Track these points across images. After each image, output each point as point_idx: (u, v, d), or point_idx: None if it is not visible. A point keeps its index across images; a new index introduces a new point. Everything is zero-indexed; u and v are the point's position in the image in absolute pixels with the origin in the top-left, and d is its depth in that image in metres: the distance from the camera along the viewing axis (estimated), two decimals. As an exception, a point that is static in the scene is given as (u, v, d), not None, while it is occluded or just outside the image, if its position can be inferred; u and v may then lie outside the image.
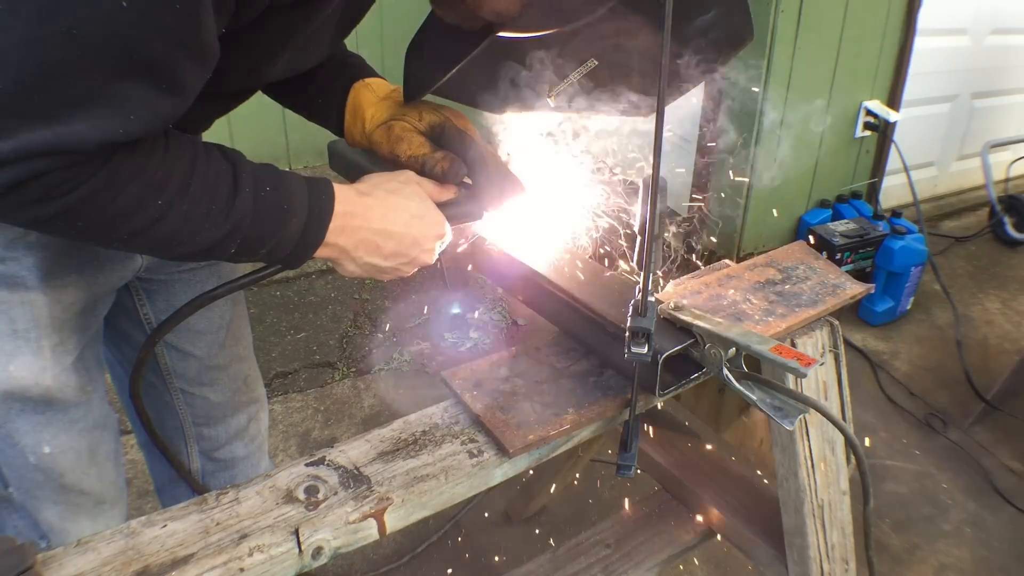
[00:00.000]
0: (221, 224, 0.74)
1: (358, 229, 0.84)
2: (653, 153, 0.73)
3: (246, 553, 0.69)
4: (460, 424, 0.87)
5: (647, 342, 0.78)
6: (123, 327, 1.16)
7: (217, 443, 1.31)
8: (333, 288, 2.94)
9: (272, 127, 3.58)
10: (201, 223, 0.73)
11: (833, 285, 1.08)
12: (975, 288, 3.13)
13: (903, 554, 1.93)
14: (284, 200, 0.78)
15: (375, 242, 0.85)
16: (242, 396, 1.29)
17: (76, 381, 0.96)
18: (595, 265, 0.99)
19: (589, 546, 1.40)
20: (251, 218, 0.75)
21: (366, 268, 0.88)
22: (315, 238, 0.81)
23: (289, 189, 0.79)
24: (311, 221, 0.80)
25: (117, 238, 0.71)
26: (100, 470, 1.05)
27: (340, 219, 0.82)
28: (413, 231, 0.87)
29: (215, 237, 0.74)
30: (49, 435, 0.96)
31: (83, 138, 0.61)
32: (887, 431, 2.34)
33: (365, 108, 1.01)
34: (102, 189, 0.66)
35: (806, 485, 1.08)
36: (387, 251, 0.86)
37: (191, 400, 1.24)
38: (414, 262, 0.89)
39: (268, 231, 0.77)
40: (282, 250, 0.80)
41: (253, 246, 0.78)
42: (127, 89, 0.61)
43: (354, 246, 0.85)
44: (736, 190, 2.96)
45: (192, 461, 1.31)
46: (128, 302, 1.13)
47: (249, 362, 1.30)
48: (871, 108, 3.00)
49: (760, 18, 2.66)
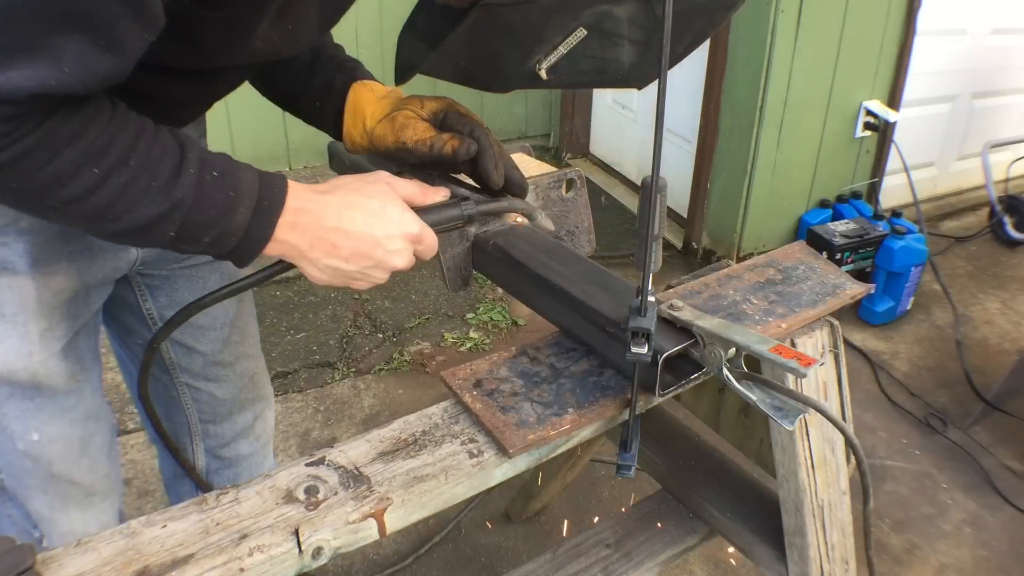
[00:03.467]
0: (159, 202, 0.71)
1: (311, 227, 0.80)
2: (653, 153, 0.73)
3: (246, 553, 0.69)
4: (460, 424, 0.87)
5: (647, 342, 0.78)
6: (127, 322, 1.17)
7: (223, 440, 1.31)
8: (333, 288, 2.94)
9: (272, 127, 3.58)
10: (139, 199, 0.70)
11: (833, 285, 1.08)
12: (975, 288, 3.13)
13: (903, 554, 1.93)
14: (231, 188, 0.75)
15: (330, 241, 0.81)
16: (248, 394, 1.29)
17: (65, 368, 0.96)
18: (594, 264, 0.99)
19: (589, 546, 1.40)
20: (192, 201, 0.72)
21: (329, 272, 0.84)
22: (263, 232, 0.78)
23: (238, 178, 0.76)
24: (259, 213, 0.77)
25: (51, 205, 0.69)
26: (92, 461, 1.05)
27: (292, 215, 0.79)
28: (373, 230, 0.82)
29: (152, 215, 0.71)
30: (38, 422, 0.96)
31: (16, 86, 0.60)
32: (887, 431, 2.34)
33: (365, 106, 1.00)
34: (37, 148, 0.65)
35: (806, 485, 1.08)
36: (345, 252, 0.82)
37: (197, 395, 1.25)
38: (381, 264, 0.85)
39: (211, 217, 0.74)
40: (227, 242, 0.77)
41: (195, 232, 0.75)
42: (63, 41, 0.61)
43: (309, 245, 0.81)
44: (736, 190, 2.96)
45: (197, 458, 1.32)
46: (131, 297, 1.13)
47: (256, 360, 1.30)
48: (871, 108, 3.00)
49: (760, 18, 2.67)
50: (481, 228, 1.02)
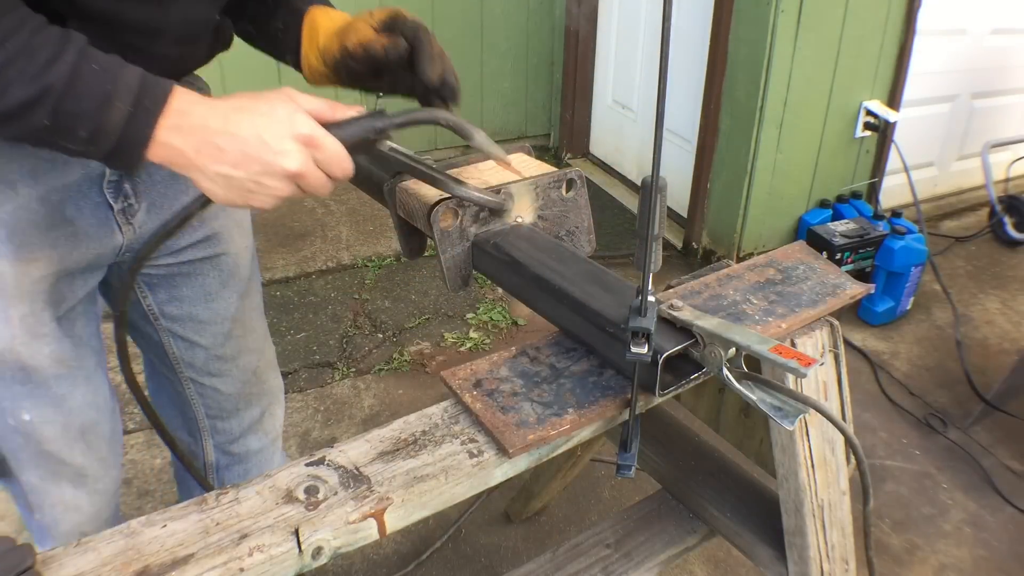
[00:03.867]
0: (29, 85, 0.70)
1: (196, 129, 0.76)
2: (653, 153, 0.73)
3: (246, 553, 0.69)
4: (460, 424, 0.87)
5: (647, 342, 0.78)
6: (134, 319, 1.19)
7: (231, 436, 1.32)
8: (333, 288, 2.95)
9: (272, 127, 3.58)
10: (11, 81, 0.69)
11: (833, 285, 1.08)
12: (975, 288, 3.13)
13: (903, 554, 1.93)
14: (109, 81, 0.73)
15: (216, 144, 0.76)
16: (253, 388, 1.30)
17: (52, 353, 0.97)
18: (594, 264, 0.99)
19: (589, 546, 1.40)
20: (64, 88, 0.71)
21: (222, 183, 0.78)
22: (142, 132, 0.75)
23: (118, 72, 0.74)
24: (138, 111, 0.74)
25: None
26: (88, 447, 1.06)
27: (176, 116, 0.76)
28: (259, 130, 0.77)
29: (22, 98, 0.70)
30: (30, 404, 0.98)
31: None
32: (887, 431, 2.34)
33: (320, 25, 1.00)
34: None
35: (806, 485, 1.08)
36: (232, 156, 0.77)
37: (202, 391, 1.26)
38: (270, 169, 0.78)
39: (85, 109, 0.72)
40: (106, 140, 0.74)
41: (69, 124, 0.73)
42: None
43: (195, 150, 0.76)
44: (736, 190, 2.96)
45: (207, 454, 1.33)
46: (133, 294, 1.14)
47: (259, 355, 1.30)
48: (871, 108, 3.00)
49: (760, 18, 2.67)
50: (481, 228, 1.02)
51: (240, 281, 1.21)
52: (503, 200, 1.00)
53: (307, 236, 3.26)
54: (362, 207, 3.47)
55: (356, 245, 3.22)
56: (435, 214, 0.97)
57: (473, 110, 3.98)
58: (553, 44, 4.01)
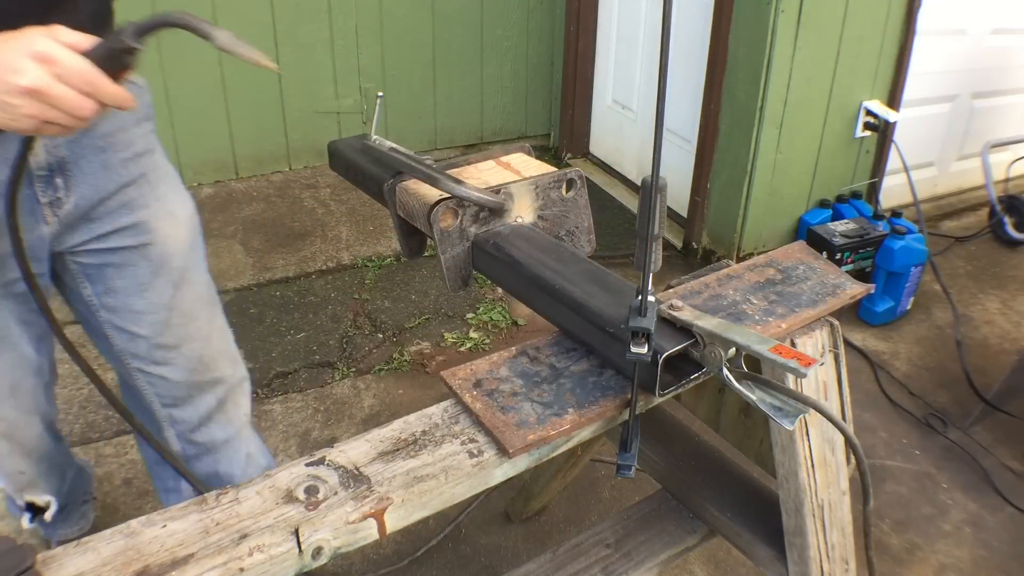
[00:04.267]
0: None
1: None
2: (653, 153, 0.73)
3: (246, 553, 0.69)
4: (460, 424, 0.87)
5: (647, 342, 0.78)
6: (81, 313, 1.25)
7: (190, 425, 1.34)
8: (333, 288, 2.95)
9: (272, 127, 3.58)
10: None
11: (833, 285, 1.08)
12: (975, 288, 3.13)
13: (903, 554, 1.93)
14: None
15: None
16: (201, 376, 1.31)
17: None
18: (594, 264, 0.99)
19: (589, 546, 1.40)
20: None
21: None
22: None
23: None
24: None
25: None
26: (18, 401, 1.23)
27: None
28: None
29: None
30: None
31: None
32: (887, 431, 2.34)
33: None
34: None
35: (806, 485, 1.08)
36: None
37: (151, 380, 1.28)
38: (8, 88, 0.79)
39: None
40: None
41: None
42: None
43: None
44: (736, 190, 2.96)
45: (171, 443, 1.35)
46: (74, 286, 1.20)
47: (204, 343, 1.31)
48: (871, 108, 3.00)
49: (760, 18, 2.67)
50: (481, 228, 1.02)
51: (172, 270, 1.23)
52: (503, 200, 1.00)
53: (307, 236, 3.26)
54: (362, 207, 3.47)
55: (356, 245, 3.22)
56: (435, 214, 0.97)
57: (473, 110, 3.99)
58: (553, 44, 4.01)
